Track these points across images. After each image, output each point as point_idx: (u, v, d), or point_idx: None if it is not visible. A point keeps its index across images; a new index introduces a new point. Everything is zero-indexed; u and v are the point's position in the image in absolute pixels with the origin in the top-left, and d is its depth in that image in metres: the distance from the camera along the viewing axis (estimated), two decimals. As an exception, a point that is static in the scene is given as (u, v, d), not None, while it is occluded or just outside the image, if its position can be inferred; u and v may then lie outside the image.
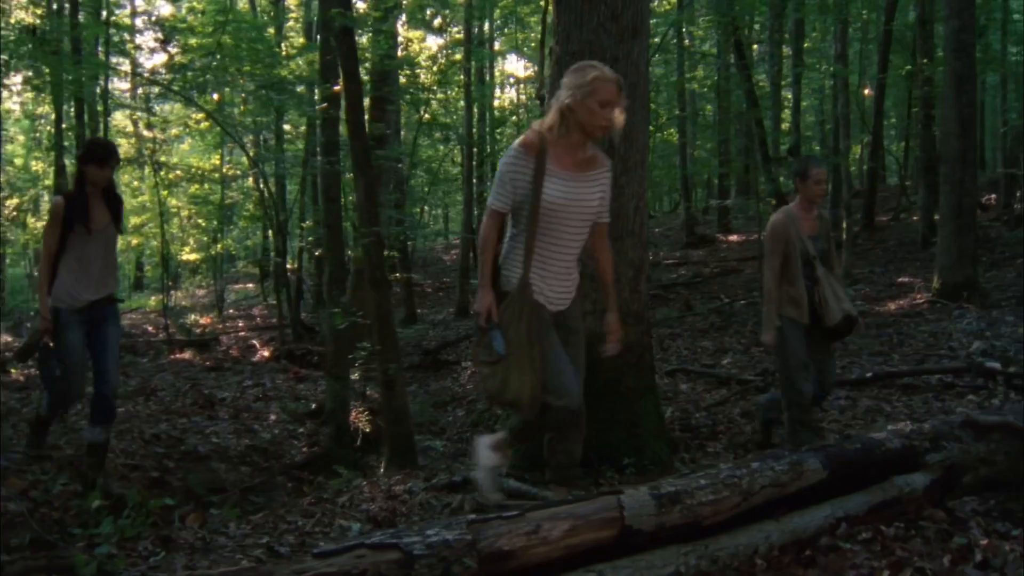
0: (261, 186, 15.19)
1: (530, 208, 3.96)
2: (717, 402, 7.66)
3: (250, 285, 26.25)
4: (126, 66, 18.13)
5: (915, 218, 19.61)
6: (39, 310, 5.81)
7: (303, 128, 18.23)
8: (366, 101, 8.65)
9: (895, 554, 3.67)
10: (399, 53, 15.29)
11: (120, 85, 23.03)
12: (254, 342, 15.25)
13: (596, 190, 4.12)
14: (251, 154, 15.84)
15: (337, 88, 7.06)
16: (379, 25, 10.99)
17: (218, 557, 3.99)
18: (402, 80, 15.51)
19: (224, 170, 19.85)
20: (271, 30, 17.97)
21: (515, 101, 29.27)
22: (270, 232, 16.73)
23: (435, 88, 16.97)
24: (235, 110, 17.28)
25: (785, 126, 21.41)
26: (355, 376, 8.48)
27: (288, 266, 15.78)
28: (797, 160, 5.61)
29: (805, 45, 19.69)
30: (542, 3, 19.82)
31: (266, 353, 14.09)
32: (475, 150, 19.85)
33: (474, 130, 19.27)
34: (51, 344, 5.65)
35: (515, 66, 41.74)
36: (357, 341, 7.82)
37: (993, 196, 19.42)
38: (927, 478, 4.21)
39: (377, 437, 8.38)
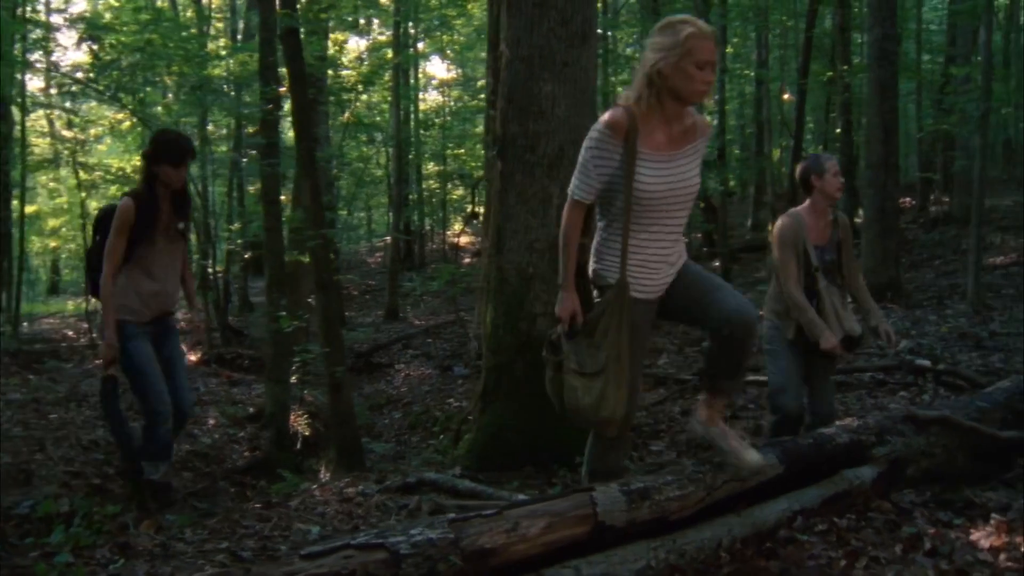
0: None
1: (624, 199, 3.49)
2: (657, 401, 7.78)
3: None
4: (44, 63, 17.69)
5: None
6: (104, 335, 5.07)
7: (225, 130, 18.03)
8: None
9: (850, 544, 3.80)
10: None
11: (37, 84, 22.46)
12: (181, 346, 15.00)
13: (695, 164, 3.59)
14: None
15: (283, 89, 7.02)
16: (315, 26, 10.93)
17: (180, 563, 3.95)
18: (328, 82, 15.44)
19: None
20: (192, 30, 17.72)
21: (439, 103, 29.25)
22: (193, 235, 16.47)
23: (359, 89, 16.88)
24: (157, 109, 16.99)
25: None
26: (293, 380, 8.42)
27: (211, 269, 15.56)
28: (805, 161, 5.10)
29: (728, 51, 20.05)
30: (484, 7, 20.00)
31: (193, 357, 13.89)
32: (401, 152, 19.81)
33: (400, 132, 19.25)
34: (114, 376, 5.07)
35: (438, 68, 41.74)
36: (294, 344, 7.77)
37: (909, 199, 20.01)
38: (874, 471, 4.38)
39: (317, 440, 8.35)
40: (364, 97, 19.04)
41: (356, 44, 22.37)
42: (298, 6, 7.46)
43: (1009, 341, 8.42)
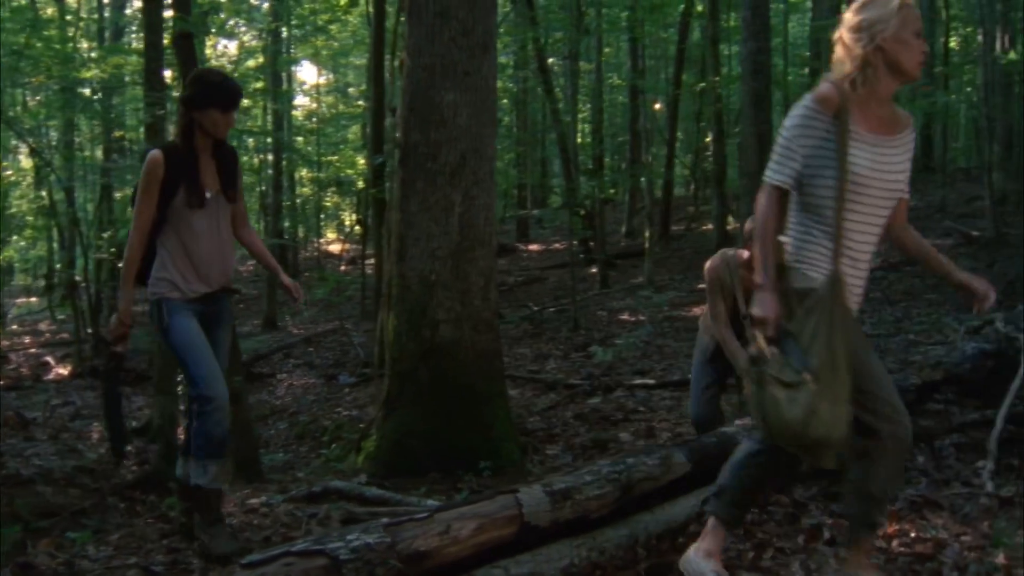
0: (44, 193, 14.44)
1: (837, 182, 3.11)
2: (549, 406, 7.91)
3: (34, 299, 24.81)
4: None
5: (707, 227, 20.73)
6: (119, 308, 4.31)
7: (88, 136, 17.48)
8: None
9: (756, 537, 3.97)
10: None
11: None
12: (48, 359, 14.49)
13: (904, 157, 3.24)
14: (38, 160, 15.02)
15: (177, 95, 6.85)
16: (198, 29, 10.70)
17: (90, 580, 3.86)
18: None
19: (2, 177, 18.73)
20: (55, 30, 17.11)
21: (310, 110, 28.92)
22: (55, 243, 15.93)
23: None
24: (16, 109, 16.34)
25: (582, 140, 22.22)
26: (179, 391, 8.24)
27: (78, 278, 15.03)
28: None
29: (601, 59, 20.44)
30: (361, 13, 19.87)
31: (63, 370, 13.43)
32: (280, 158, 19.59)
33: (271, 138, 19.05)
34: (120, 353, 4.38)
35: (308, 74, 41.25)
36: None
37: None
38: (772, 467, 4.55)
39: (206, 453, 8.17)
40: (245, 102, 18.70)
41: (224, 47, 22.03)
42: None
43: (880, 342, 8.84)
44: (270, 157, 21.01)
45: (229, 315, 4.59)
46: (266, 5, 19.81)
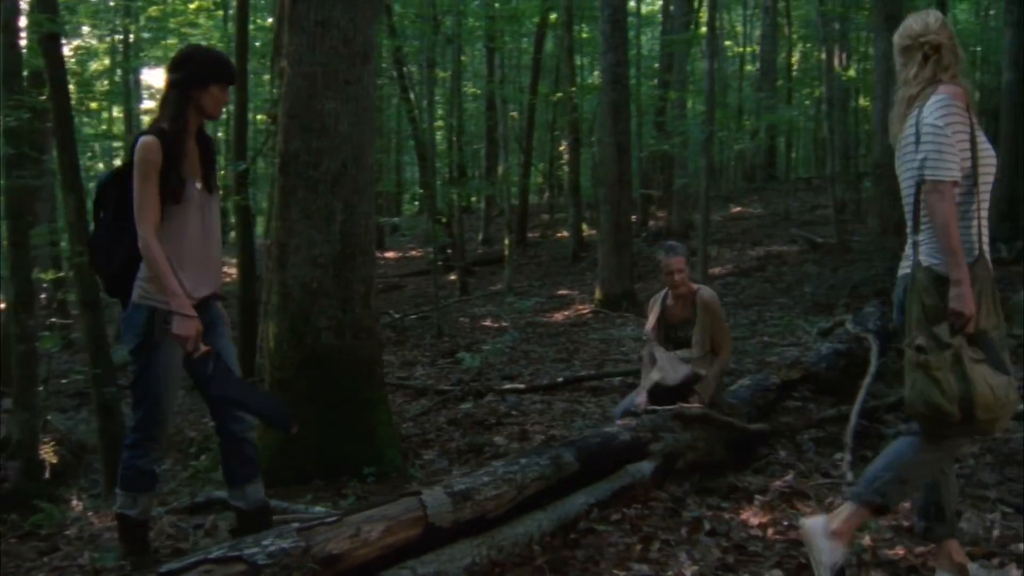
0: None
1: (974, 171, 3.29)
2: (421, 412, 7.95)
3: None
4: None
5: (562, 235, 21.15)
6: (173, 308, 3.70)
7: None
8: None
9: (642, 530, 4.16)
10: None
11: None
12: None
13: None
14: None
15: (43, 98, 6.65)
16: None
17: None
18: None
19: None
20: None
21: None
22: None
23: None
24: None
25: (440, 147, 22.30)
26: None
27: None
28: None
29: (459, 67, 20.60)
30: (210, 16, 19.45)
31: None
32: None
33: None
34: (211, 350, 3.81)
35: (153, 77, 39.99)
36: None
37: (633, 215, 21.35)
38: (652, 465, 4.77)
39: (65, 468, 7.93)
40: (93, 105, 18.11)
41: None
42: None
43: (736, 344, 9.24)
44: (116, 162, 20.34)
45: (223, 319, 4.13)
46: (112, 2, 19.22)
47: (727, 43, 26.80)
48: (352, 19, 5.44)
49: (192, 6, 20.09)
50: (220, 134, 19.33)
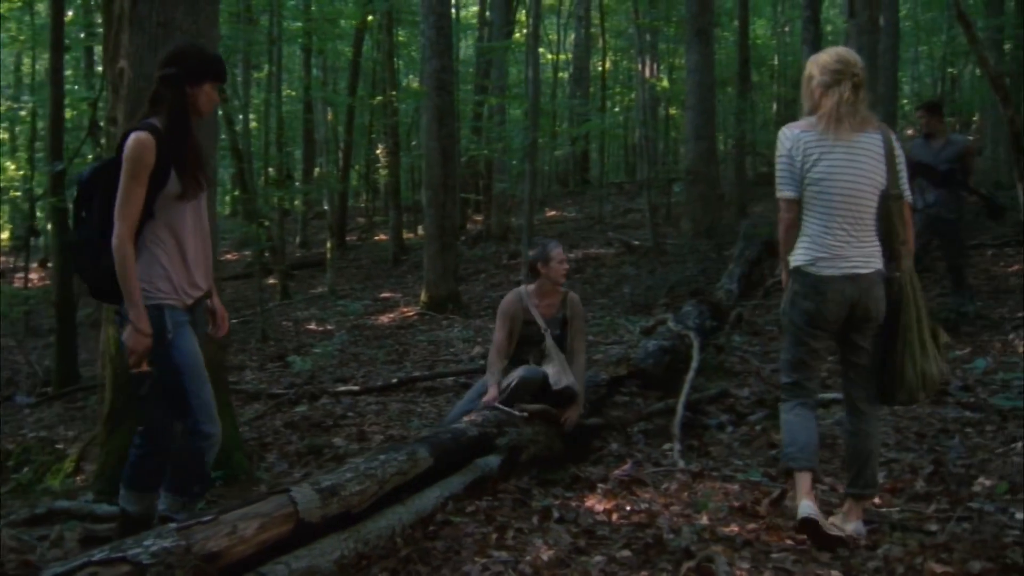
0: None
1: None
2: (256, 416, 7.90)
3: None
4: None
5: (380, 237, 21.21)
6: (129, 318, 3.67)
7: None
8: None
9: (496, 520, 4.36)
10: None
11: None
12: None
13: None
14: None
15: None
16: None
17: None
18: None
19: None
20: None
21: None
22: None
23: None
24: None
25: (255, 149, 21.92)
26: None
27: None
28: (534, 249, 5.91)
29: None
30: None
31: None
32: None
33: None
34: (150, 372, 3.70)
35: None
36: None
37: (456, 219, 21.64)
38: (499, 458, 5.00)
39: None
40: None
41: None
42: None
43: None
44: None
45: (204, 324, 4.16)
46: None
47: (540, 50, 27.48)
48: (195, 21, 5.40)
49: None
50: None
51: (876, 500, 4.24)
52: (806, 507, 3.76)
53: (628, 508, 4.50)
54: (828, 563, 3.52)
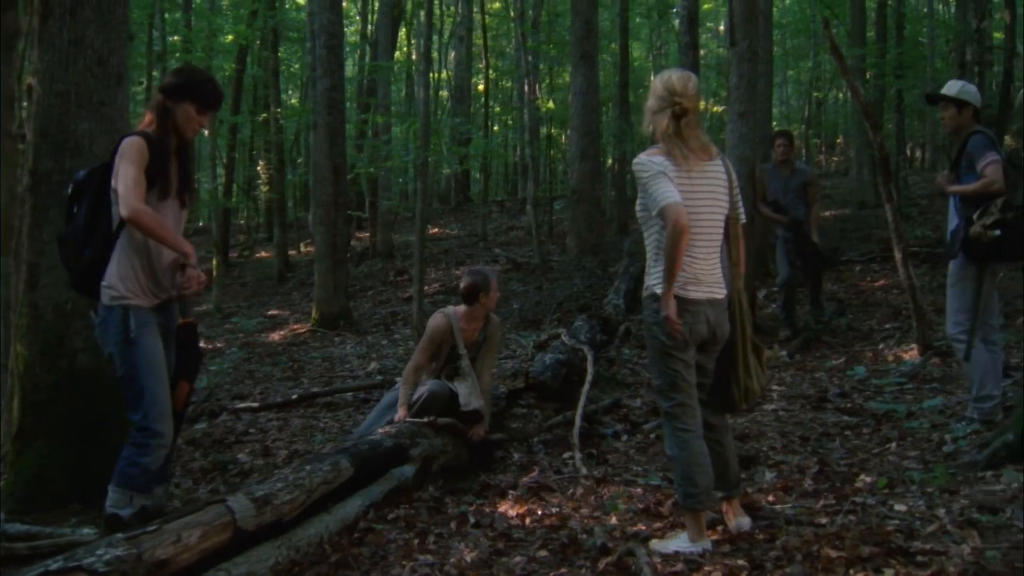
0: None
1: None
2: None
3: None
4: None
5: (264, 254, 21.06)
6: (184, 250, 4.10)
7: None
8: None
9: (416, 527, 4.56)
10: None
11: None
12: None
13: None
14: None
15: None
16: None
17: None
18: None
19: None
20: None
21: None
22: None
23: None
24: None
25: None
26: None
27: None
28: (474, 277, 6.10)
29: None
30: None
31: None
32: None
33: None
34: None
35: None
36: None
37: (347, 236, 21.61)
38: (413, 468, 5.19)
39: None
40: None
41: None
42: None
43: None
44: None
45: (176, 324, 4.32)
46: None
47: (420, 68, 27.68)
48: (106, 40, 5.45)
49: None
50: None
51: (770, 498, 4.59)
52: (707, 543, 3.95)
53: (540, 512, 4.75)
54: (732, 554, 3.83)
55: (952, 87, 5.81)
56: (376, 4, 22.22)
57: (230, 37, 20.12)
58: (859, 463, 5.16)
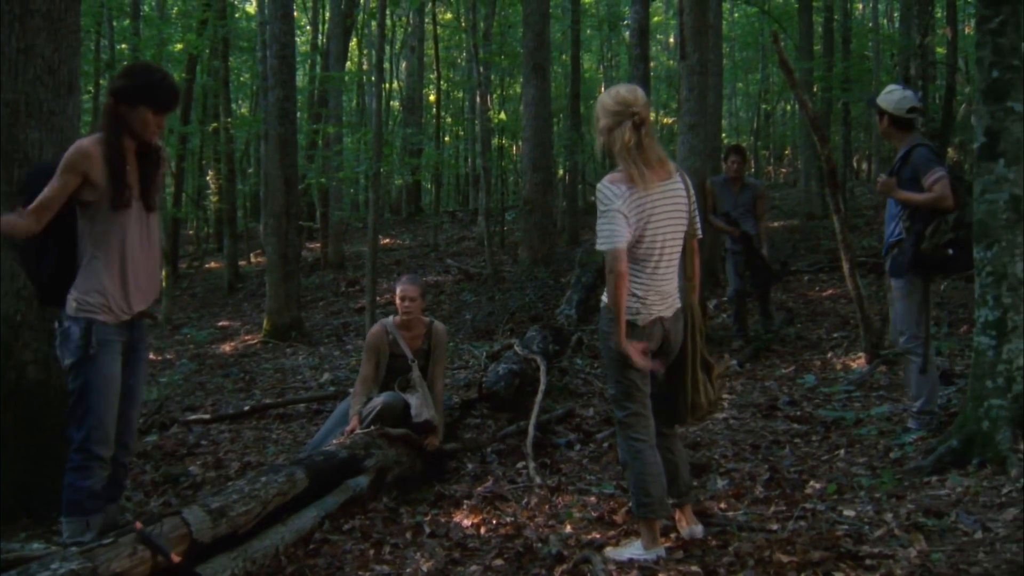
0: None
1: None
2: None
3: None
4: None
5: (214, 265, 20.88)
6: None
7: None
8: None
9: (371, 537, 4.57)
10: None
11: None
12: None
13: None
14: None
15: None
16: None
17: None
18: None
19: None
20: None
21: None
22: None
23: None
24: None
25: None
26: None
27: None
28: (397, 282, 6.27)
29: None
30: None
31: None
32: None
33: None
34: None
35: None
36: None
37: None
38: (368, 479, 5.19)
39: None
40: None
41: None
42: None
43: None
44: None
45: (145, 340, 4.27)
46: None
47: (371, 79, 27.67)
48: (56, 48, 5.40)
49: None
50: None
51: (722, 505, 4.66)
52: (661, 550, 3.98)
53: (495, 522, 4.77)
54: (686, 560, 3.88)
55: (882, 93, 5.91)
56: (327, 14, 22.16)
57: (179, 46, 20.00)
58: (809, 470, 5.25)
